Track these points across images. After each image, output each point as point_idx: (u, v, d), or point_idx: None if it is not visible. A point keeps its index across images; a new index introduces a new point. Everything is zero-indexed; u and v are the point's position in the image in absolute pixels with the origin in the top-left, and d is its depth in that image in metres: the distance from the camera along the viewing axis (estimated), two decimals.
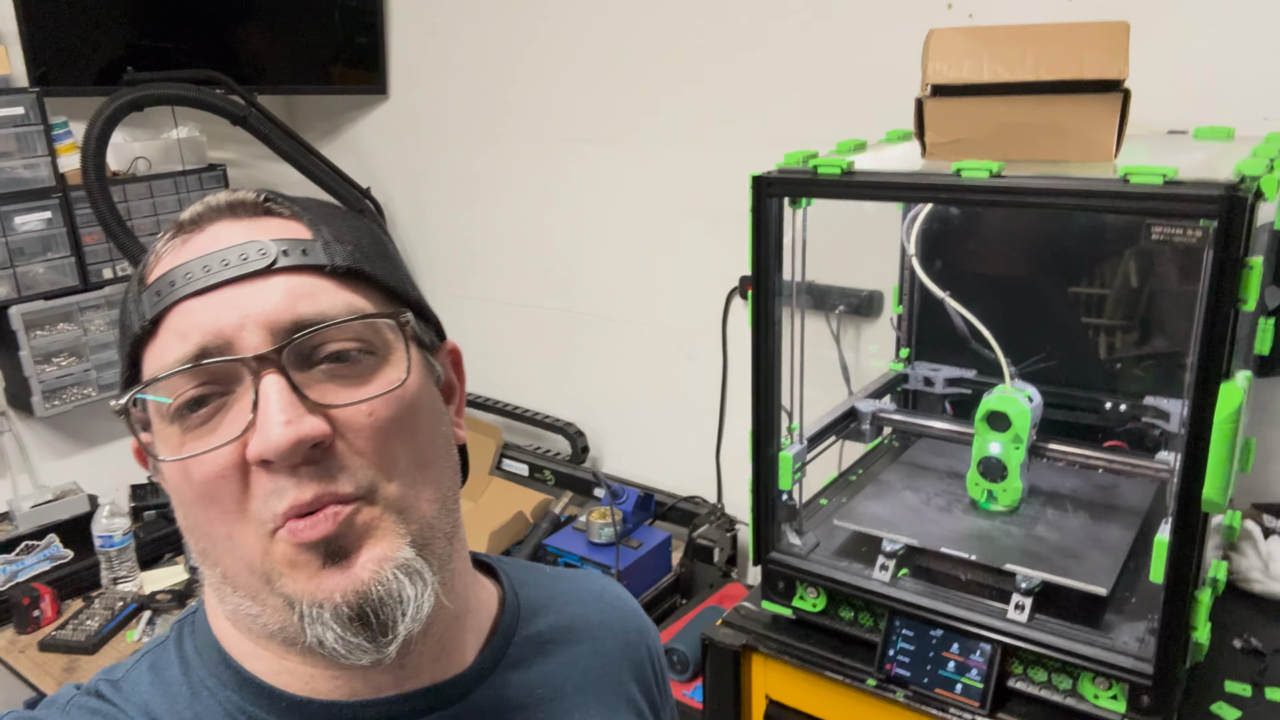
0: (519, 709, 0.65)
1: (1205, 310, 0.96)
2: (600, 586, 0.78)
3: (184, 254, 0.56)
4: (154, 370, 0.54)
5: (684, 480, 2.25)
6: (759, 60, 1.95)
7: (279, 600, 0.54)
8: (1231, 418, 0.96)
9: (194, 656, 0.60)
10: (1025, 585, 1.20)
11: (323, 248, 0.57)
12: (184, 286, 0.54)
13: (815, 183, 1.19)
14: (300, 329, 0.54)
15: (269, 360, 0.53)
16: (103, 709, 0.58)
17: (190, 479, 0.54)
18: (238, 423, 0.53)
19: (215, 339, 0.53)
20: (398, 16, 2.58)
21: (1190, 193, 0.96)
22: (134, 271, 0.60)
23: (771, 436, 1.34)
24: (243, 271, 0.54)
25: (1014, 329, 1.49)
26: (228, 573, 0.56)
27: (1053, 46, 1.11)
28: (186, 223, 0.58)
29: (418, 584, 0.55)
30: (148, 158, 2.45)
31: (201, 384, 0.54)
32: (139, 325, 0.55)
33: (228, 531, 0.54)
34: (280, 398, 0.52)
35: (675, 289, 2.21)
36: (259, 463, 0.52)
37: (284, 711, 0.58)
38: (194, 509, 0.55)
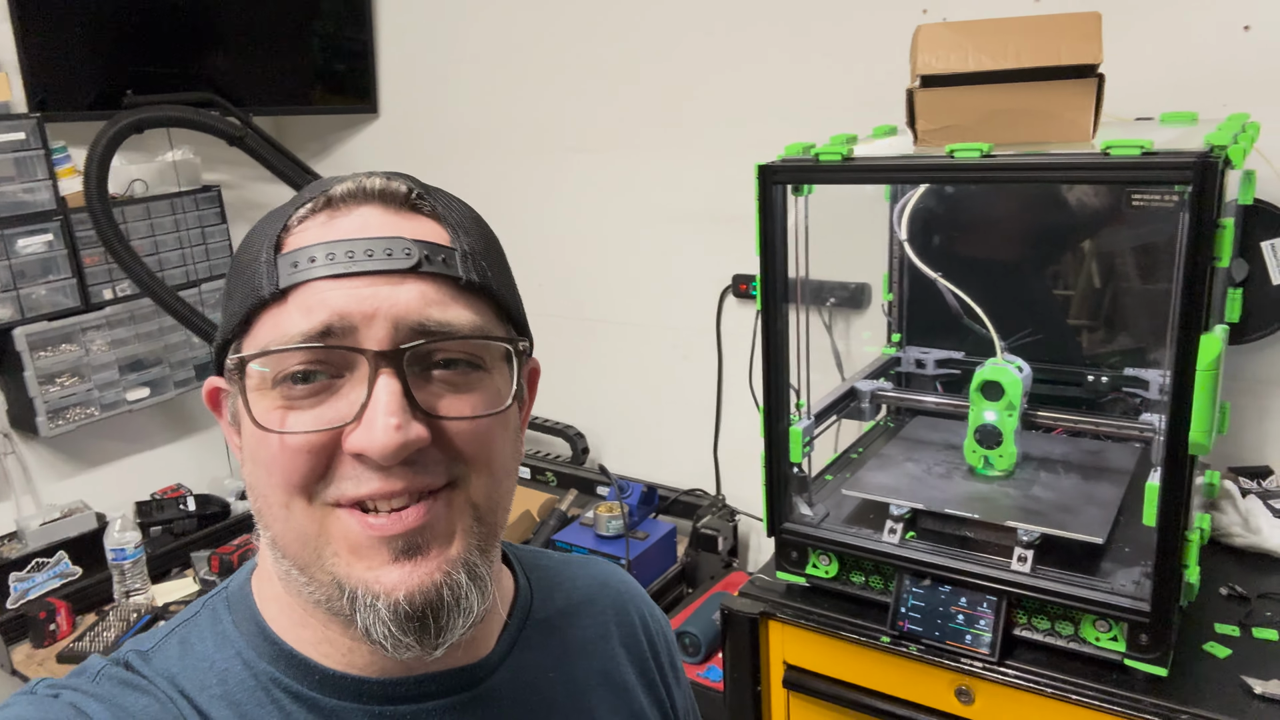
0: (534, 690, 0.67)
1: (1184, 268, 1.05)
2: (606, 572, 0.81)
3: (329, 232, 0.57)
4: (273, 337, 0.55)
5: (683, 475, 2.32)
6: (746, 69, 2.05)
7: (328, 578, 0.56)
8: (1212, 365, 1.05)
9: (231, 629, 0.61)
10: (1026, 539, 1.29)
11: (460, 259, 0.58)
12: (324, 266, 0.55)
13: (818, 169, 1.27)
14: (425, 335, 0.55)
15: (389, 359, 0.54)
16: (132, 679, 0.58)
17: (270, 445, 0.55)
18: (343, 410, 0.55)
19: (342, 322, 0.54)
20: (386, 35, 2.65)
21: (1167, 161, 1.05)
22: (261, 229, 0.60)
23: (782, 413, 1.41)
24: (384, 267, 0.55)
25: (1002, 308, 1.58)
26: (277, 539, 0.58)
27: (1032, 37, 1.21)
28: (337, 199, 0.59)
29: (479, 588, 0.57)
30: (144, 180, 2.49)
31: (315, 362, 0.55)
32: (268, 290, 0.56)
33: (285, 501, 0.56)
34: (392, 401, 0.53)
35: (670, 291, 2.29)
36: (353, 454, 0.54)
37: (318, 685, 0.59)
38: (262, 471, 0.56)
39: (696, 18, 2.09)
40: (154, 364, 2.54)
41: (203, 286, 2.61)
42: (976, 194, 1.61)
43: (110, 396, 2.44)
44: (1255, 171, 1.47)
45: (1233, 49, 1.56)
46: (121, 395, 2.46)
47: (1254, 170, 1.47)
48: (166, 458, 2.64)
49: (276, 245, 0.57)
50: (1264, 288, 1.52)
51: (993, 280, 1.63)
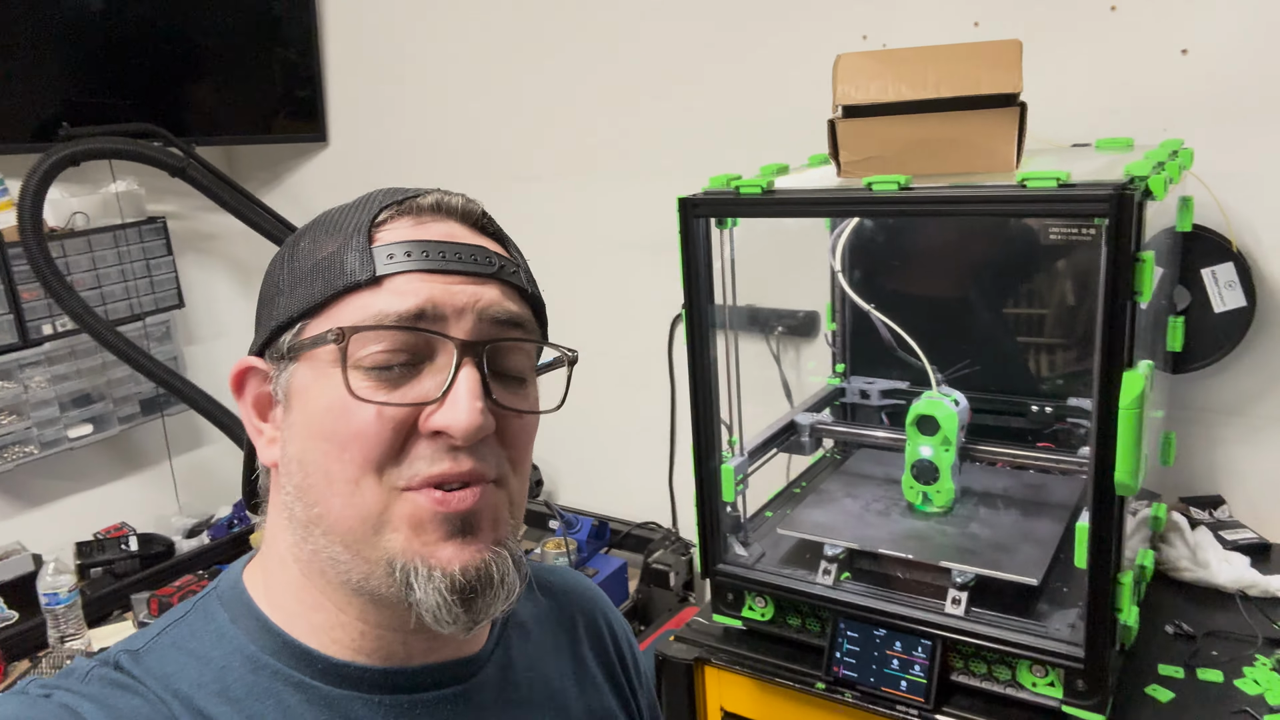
0: (516, 687, 0.71)
1: (1104, 303, 1.02)
2: (573, 579, 0.86)
3: (420, 233, 0.62)
4: (365, 315, 0.59)
5: (640, 507, 2.27)
6: (689, 96, 2.02)
7: (380, 555, 0.58)
8: (1135, 403, 1.01)
9: (228, 626, 0.63)
10: (961, 580, 1.24)
11: (524, 274, 0.66)
12: (419, 261, 0.60)
13: (738, 202, 1.24)
14: (501, 329, 0.62)
15: (473, 349, 0.60)
16: (122, 680, 0.59)
17: (356, 419, 0.58)
18: (425, 390, 0.59)
19: (435, 309, 0.59)
20: (335, 64, 2.62)
21: (1082, 194, 1.02)
22: (336, 226, 0.63)
23: (713, 450, 1.37)
24: (471, 269, 0.61)
25: (941, 339, 1.55)
26: (328, 516, 0.59)
27: (952, 65, 1.18)
28: (425, 208, 0.64)
29: (518, 571, 0.62)
30: (85, 213, 2.44)
31: (404, 345, 0.59)
32: (364, 275, 0.59)
33: (357, 477, 0.58)
34: (476, 386, 0.59)
35: (622, 320, 2.25)
36: (432, 433, 0.58)
37: (321, 674, 0.61)
38: (334, 447, 0.58)
39: (644, 47, 2.06)
40: (97, 400, 2.48)
41: (147, 320, 2.55)
42: (915, 223, 1.58)
43: (51, 434, 2.38)
44: (1192, 198, 1.44)
45: (1171, 73, 1.54)
46: (63, 433, 2.40)
47: (1191, 197, 1.44)
48: (110, 496, 2.57)
49: (367, 235, 0.61)
50: (1206, 315, 1.49)
51: (933, 310, 1.60)
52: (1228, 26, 1.49)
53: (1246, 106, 1.48)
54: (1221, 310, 1.47)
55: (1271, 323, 1.51)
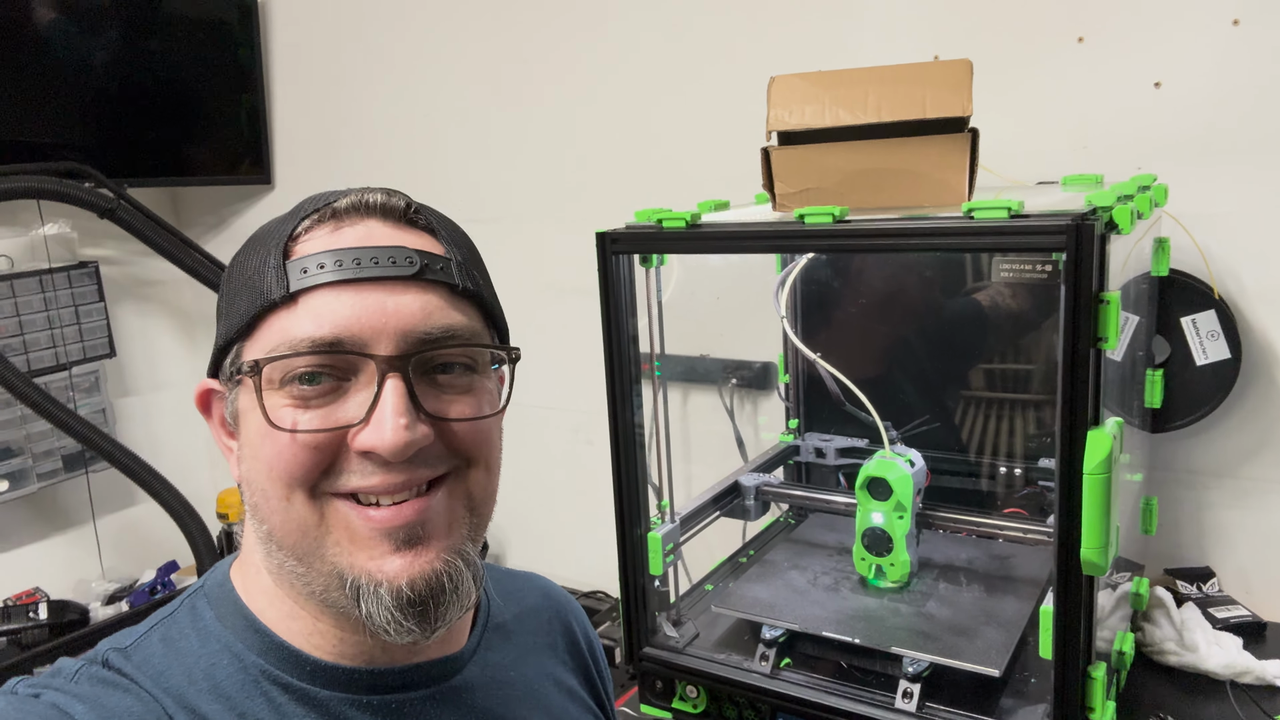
0: (499, 685, 0.70)
1: (1064, 352, 0.88)
2: (546, 585, 0.86)
3: (335, 241, 0.60)
4: (282, 340, 0.58)
5: (588, 573, 2.10)
6: (634, 137, 1.91)
7: (328, 568, 0.58)
8: (1102, 467, 0.87)
9: (215, 624, 0.62)
10: (913, 669, 1.09)
11: (455, 268, 0.62)
12: (332, 272, 0.58)
13: (660, 237, 1.11)
14: (428, 341, 0.59)
15: (396, 364, 0.58)
16: (111, 678, 0.58)
17: (278, 441, 0.57)
18: (350, 411, 0.58)
19: (351, 334, 0.57)
20: (280, 104, 2.52)
21: (1037, 225, 0.89)
22: (263, 239, 0.61)
23: (639, 516, 1.22)
24: (389, 274, 0.59)
25: (900, 393, 1.41)
26: (274, 532, 0.59)
27: (894, 87, 1.06)
28: (341, 211, 0.61)
29: (473, 574, 0.61)
30: (9, 256, 2.31)
31: (324, 365, 0.58)
32: (278, 294, 0.58)
33: (286, 494, 0.58)
34: (400, 402, 0.57)
35: (570, 371, 2.11)
36: (361, 451, 0.57)
37: (308, 675, 0.61)
38: (264, 465, 0.58)
39: (591, 88, 1.95)
40: (16, 454, 2.32)
41: (74, 370, 2.40)
42: (871, 268, 1.45)
43: None
44: (1169, 240, 1.32)
45: (1143, 107, 1.42)
46: None
47: (1167, 238, 1.32)
48: (26, 558, 2.39)
49: (284, 252, 0.60)
50: (1188, 368, 1.35)
51: (891, 362, 1.46)
52: (1203, 57, 1.38)
53: (1226, 143, 1.36)
54: (1204, 363, 1.34)
55: (1259, 376, 1.37)
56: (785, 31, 1.70)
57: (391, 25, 2.24)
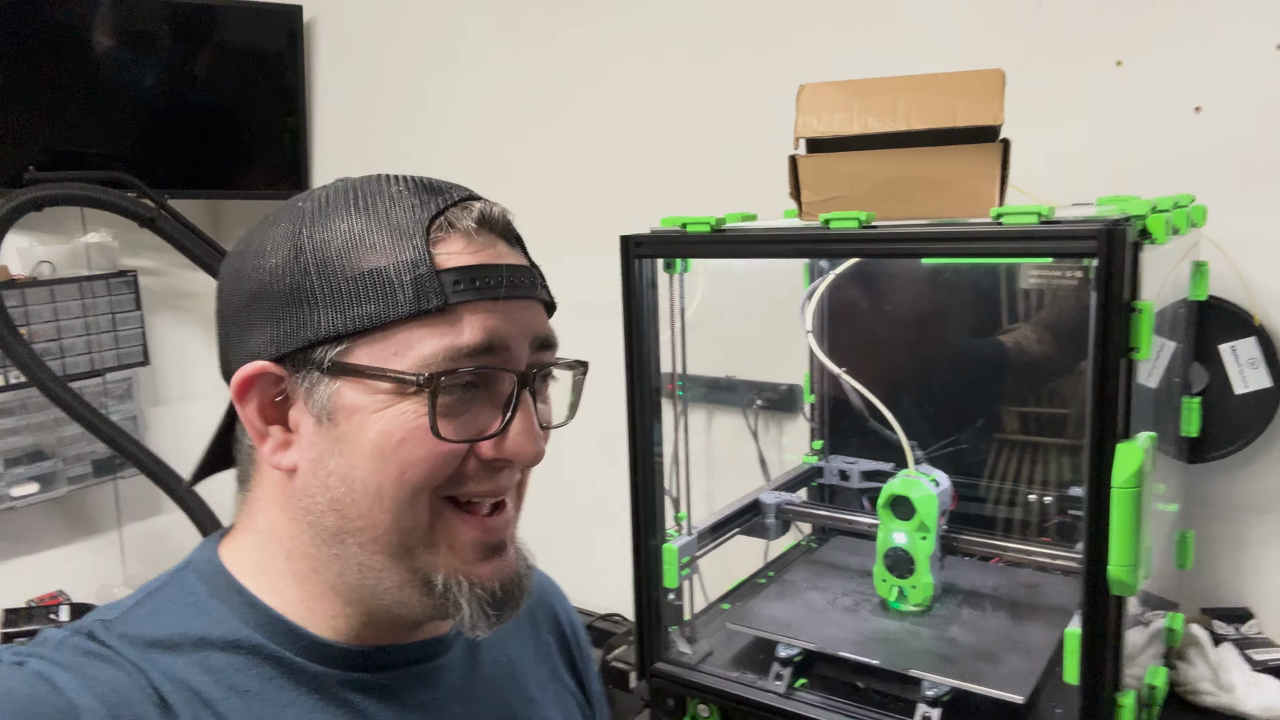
0: (480, 666, 0.73)
1: (1094, 362, 0.86)
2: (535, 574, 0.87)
3: (474, 257, 0.61)
4: (437, 351, 0.59)
5: (605, 597, 2.07)
6: (662, 154, 1.91)
7: (418, 566, 0.61)
8: (1132, 481, 0.84)
9: (208, 599, 0.63)
10: (933, 694, 1.05)
11: (547, 286, 0.68)
12: (485, 290, 0.61)
13: (684, 240, 1.10)
14: (543, 352, 0.64)
15: (528, 377, 0.62)
16: (96, 649, 0.59)
17: (420, 448, 0.59)
18: (486, 421, 0.61)
19: (500, 341, 0.61)
20: (320, 120, 2.56)
21: (1068, 230, 0.87)
22: (385, 233, 0.61)
23: (654, 526, 1.20)
24: (521, 294, 0.63)
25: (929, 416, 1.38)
26: (371, 527, 0.60)
27: (925, 95, 1.05)
28: (473, 231, 0.63)
29: (530, 570, 0.67)
30: (53, 262, 2.36)
31: (479, 378, 0.61)
32: (433, 304, 0.59)
33: (412, 496, 0.60)
34: (533, 416, 0.62)
35: (594, 391, 2.09)
36: (494, 459, 0.61)
37: (303, 651, 0.63)
38: (392, 468, 0.59)
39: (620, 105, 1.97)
40: (47, 457, 2.35)
41: (108, 376, 2.44)
42: (904, 283, 1.42)
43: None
44: (1207, 264, 1.28)
45: (1183, 132, 1.40)
46: (5, 490, 2.27)
47: (1205, 262, 1.28)
48: (52, 561, 2.41)
49: (429, 260, 0.60)
50: (1226, 397, 1.31)
51: (920, 383, 1.43)
52: (1245, 82, 1.35)
53: (1267, 167, 1.33)
54: (1244, 391, 1.30)
55: None
56: (821, 52, 1.70)
57: (428, 49, 2.28)
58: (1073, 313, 1.29)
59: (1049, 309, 1.32)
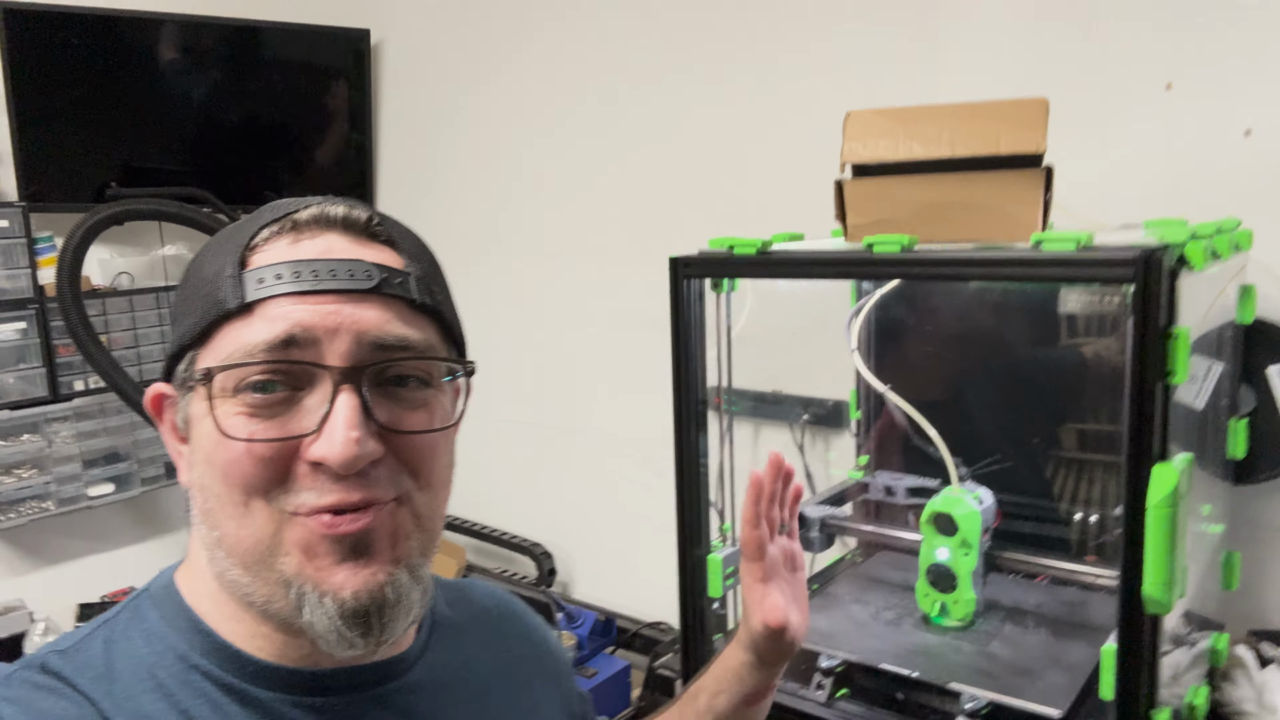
0: (446, 685, 0.70)
1: (1131, 385, 0.88)
2: (493, 589, 0.85)
3: (294, 253, 0.60)
4: (236, 348, 0.58)
5: (651, 606, 2.11)
6: (713, 176, 1.95)
7: (276, 577, 0.58)
8: (1167, 501, 0.86)
9: (160, 625, 0.62)
10: (971, 706, 1.07)
11: (414, 282, 0.62)
12: (290, 283, 0.58)
13: (731, 261, 1.14)
14: (384, 350, 0.59)
15: (350, 375, 0.58)
16: (46, 683, 0.58)
17: (233, 450, 0.57)
18: (304, 421, 0.58)
19: (305, 334, 0.57)
20: (385, 138, 2.66)
21: (1105, 257, 0.89)
22: (221, 246, 0.62)
23: (699, 537, 1.24)
24: (348, 287, 0.59)
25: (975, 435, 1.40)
26: (226, 539, 0.59)
27: (969, 123, 1.08)
28: (302, 223, 0.61)
29: (420, 587, 0.61)
30: (131, 273, 2.48)
31: (278, 373, 0.58)
32: (234, 303, 0.58)
33: (245, 503, 0.58)
34: (353, 415, 0.57)
35: (641, 402, 2.14)
36: (312, 463, 0.57)
37: (251, 676, 0.61)
38: (221, 475, 0.58)
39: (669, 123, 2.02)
40: (122, 459, 2.46)
41: None
42: (950, 303, 1.45)
43: (70, 491, 2.35)
44: (1254, 287, 1.29)
45: (1232, 155, 1.41)
46: (82, 490, 2.38)
47: (1252, 285, 1.29)
48: (126, 559, 2.53)
49: (241, 262, 0.60)
50: (1273, 419, 1.31)
51: (967, 403, 1.45)
52: None
53: None
54: None
55: None
56: (869, 80, 1.73)
57: (488, 72, 2.36)
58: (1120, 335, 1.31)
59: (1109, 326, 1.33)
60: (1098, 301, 1.22)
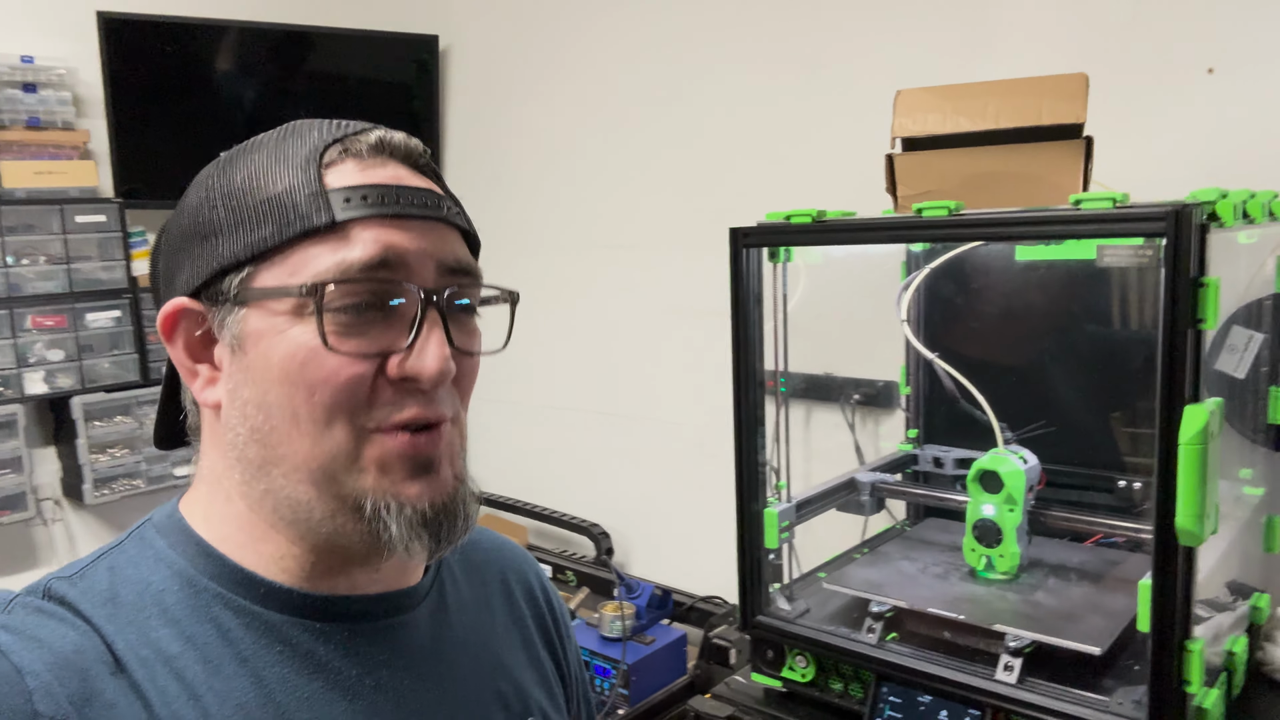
0: (448, 626, 0.72)
1: (1163, 332, 0.94)
2: (501, 540, 0.86)
3: (369, 177, 0.61)
4: (330, 265, 0.58)
5: (706, 581, 2.19)
6: (767, 166, 2.04)
7: (347, 492, 0.59)
8: (1197, 438, 0.92)
9: (167, 551, 0.62)
10: (1015, 645, 1.14)
11: (463, 213, 0.66)
12: (378, 206, 0.60)
13: (787, 230, 1.22)
14: (454, 277, 0.62)
15: (435, 297, 0.60)
16: (48, 608, 0.58)
17: (324, 366, 0.58)
18: (393, 337, 0.60)
19: (397, 257, 0.59)
20: (452, 142, 2.79)
21: (1138, 213, 0.96)
22: (278, 162, 0.61)
23: (755, 492, 1.32)
24: (424, 214, 0.61)
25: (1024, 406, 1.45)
26: (293, 456, 0.59)
27: (1012, 98, 1.15)
28: (367, 150, 0.62)
29: (475, 499, 0.65)
30: None
31: (372, 293, 0.59)
32: (323, 221, 0.59)
33: (328, 420, 0.59)
34: (441, 335, 0.60)
35: (697, 387, 2.23)
36: (400, 379, 0.59)
37: (261, 599, 0.62)
38: (301, 391, 0.59)
39: (731, 119, 2.10)
40: None
41: None
42: (999, 281, 1.51)
43: (158, 470, 2.50)
44: None
45: (1274, 137, 1.45)
46: (169, 470, 2.53)
47: None
48: None
49: (318, 179, 0.60)
50: None
51: (1016, 374, 1.51)
52: None
53: None
54: None
55: None
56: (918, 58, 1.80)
57: (553, 69, 2.47)
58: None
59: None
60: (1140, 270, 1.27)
